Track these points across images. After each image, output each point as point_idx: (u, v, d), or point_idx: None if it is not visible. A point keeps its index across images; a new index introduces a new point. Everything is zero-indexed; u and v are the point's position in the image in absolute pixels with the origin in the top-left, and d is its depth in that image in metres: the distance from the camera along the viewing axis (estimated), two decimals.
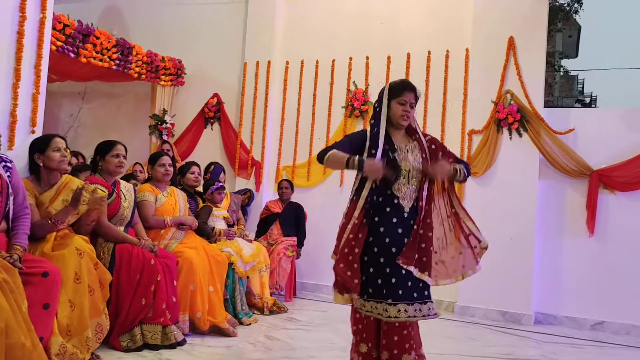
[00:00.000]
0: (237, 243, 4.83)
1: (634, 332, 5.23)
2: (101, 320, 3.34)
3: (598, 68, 39.70)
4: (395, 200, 2.85)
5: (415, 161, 2.89)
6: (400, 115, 2.90)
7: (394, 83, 2.99)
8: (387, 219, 2.84)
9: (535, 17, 5.68)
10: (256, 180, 6.75)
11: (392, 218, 2.85)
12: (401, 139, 2.96)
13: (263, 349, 3.97)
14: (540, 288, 5.57)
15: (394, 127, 2.95)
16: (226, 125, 7.01)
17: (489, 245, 3.12)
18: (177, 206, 4.45)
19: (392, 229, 2.83)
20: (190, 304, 4.08)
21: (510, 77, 5.69)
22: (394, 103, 2.91)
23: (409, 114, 2.90)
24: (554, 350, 4.51)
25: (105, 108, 7.73)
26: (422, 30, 6.26)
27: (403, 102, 2.89)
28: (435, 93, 6.13)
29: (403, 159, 2.88)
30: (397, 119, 2.91)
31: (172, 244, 4.25)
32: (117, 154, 3.90)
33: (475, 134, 5.82)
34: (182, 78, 7.16)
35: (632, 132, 5.44)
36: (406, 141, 2.97)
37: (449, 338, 4.75)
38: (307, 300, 5.95)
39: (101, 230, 3.74)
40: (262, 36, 6.87)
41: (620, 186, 5.41)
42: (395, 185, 2.84)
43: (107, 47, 5.91)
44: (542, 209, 5.60)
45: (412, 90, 2.93)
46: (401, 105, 2.90)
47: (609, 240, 5.44)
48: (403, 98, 2.89)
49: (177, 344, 3.76)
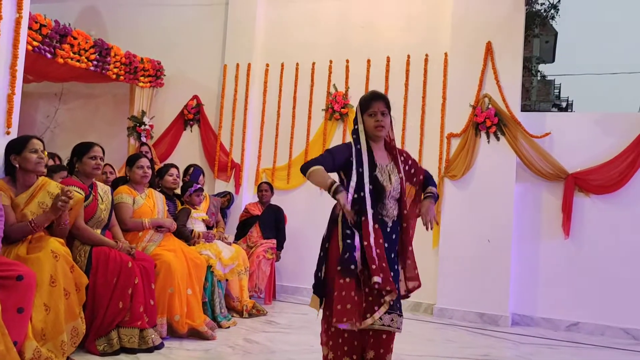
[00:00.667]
0: (216, 246, 4.81)
1: (608, 333, 5.33)
2: (77, 324, 3.29)
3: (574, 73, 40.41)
4: (379, 216, 2.85)
5: (396, 182, 2.89)
6: (373, 126, 2.87)
7: (362, 98, 2.98)
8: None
9: (512, 23, 5.76)
10: (236, 182, 6.73)
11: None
12: (382, 155, 2.95)
13: (242, 352, 3.95)
14: (517, 290, 5.64)
15: (373, 140, 2.93)
16: (206, 127, 6.98)
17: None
18: (156, 208, 4.41)
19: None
20: (169, 307, 4.05)
21: (488, 81, 5.76)
22: (366, 117, 2.90)
23: (381, 123, 2.87)
24: (530, 351, 4.57)
25: (83, 109, 7.64)
26: (402, 34, 6.31)
27: (373, 113, 2.88)
28: (414, 97, 6.18)
29: (385, 179, 2.86)
30: (372, 131, 2.89)
31: (150, 247, 4.21)
32: (94, 156, 3.85)
33: (453, 138, 5.88)
34: (162, 79, 7.11)
35: (607, 136, 5.55)
36: (386, 159, 2.96)
37: (428, 340, 4.78)
38: (286, 303, 5.94)
39: (78, 233, 3.68)
40: (242, 38, 6.86)
41: (595, 189, 5.51)
42: (379, 205, 2.83)
43: (84, 48, 5.85)
44: (519, 211, 5.68)
45: (380, 99, 2.90)
46: (372, 117, 2.88)
47: (584, 242, 5.54)
48: (372, 110, 2.88)
49: (154, 347, 3.73)
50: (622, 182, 5.41)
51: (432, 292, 5.77)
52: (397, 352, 4.13)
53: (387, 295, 2.75)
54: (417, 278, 2.96)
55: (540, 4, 10.24)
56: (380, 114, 2.87)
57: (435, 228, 5.87)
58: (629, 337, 5.27)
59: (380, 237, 2.79)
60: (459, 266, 5.68)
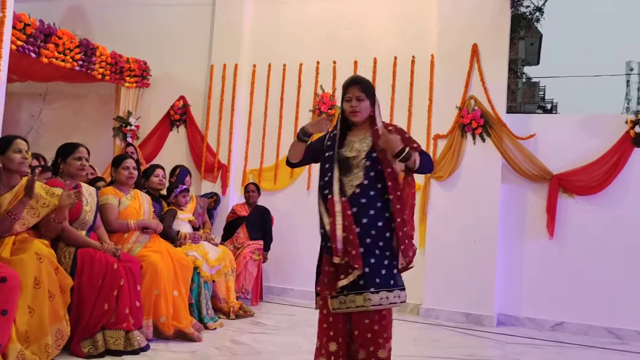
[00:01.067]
0: (203, 247, 4.79)
1: (592, 332, 5.39)
2: (61, 326, 3.27)
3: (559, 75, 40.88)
4: (346, 189, 2.84)
5: (361, 149, 2.85)
6: (349, 112, 2.90)
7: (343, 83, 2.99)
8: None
9: (498, 25, 5.81)
10: (222, 183, 6.71)
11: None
12: (356, 133, 2.94)
13: (229, 354, 3.94)
14: (503, 290, 5.69)
15: (354, 124, 2.94)
16: (192, 128, 6.95)
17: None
18: (141, 209, 4.38)
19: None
20: (154, 308, 4.03)
21: (474, 83, 5.81)
22: (344, 102, 2.93)
23: (355, 109, 2.87)
24: (515, 351, 4.61)
25: (68, 109, 7.57)
26: (389, 35, 6.34)
27: (348, 99, 2.90)
28: (401, 98, 6.20)
29: (348, 150, 2.87)
30: (348, 116, 2.91)
31: (135, 248, 4.18)
32: (79, 157, 3.82)
33: (440, 139, 5.91)
34: (148, 80, 7.06)
35: (591, 138, 5.61)
36: (362, 134, 2.93)
37: (414, 340, 4.80)
38: (273, 304, 5.94)
39: (62, 235, 3.65)
40: (229, 39, 6.85)
41: (579, 190, 5.57)
42: (346, 178, 2.83)
43: (69, 48, 5.80)
44: (504, 212, 5.73)
45: (356, 83, 2.90)
46: (347, 102, 2.91)
47: (568, 242, 5.60)
48: (347, 95, 2.90)
49: (140, 349, 3.70)
50: (605, 183, 5.48)
51: (418, 293, 5.80)
52: None
53: (351, 273, 2.71)
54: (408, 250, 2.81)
55: (525, 7, 10.33)
56: (356, 99, 2.87)
57: (421, 228, 5.91)
58: (612, 337, 5.33)
59: (348, 209, 2.76)
60: (445, 266, 5.72)
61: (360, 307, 2.74)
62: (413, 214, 2.90)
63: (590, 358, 4.57)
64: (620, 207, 5.48)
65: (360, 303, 2.74)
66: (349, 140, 2.92)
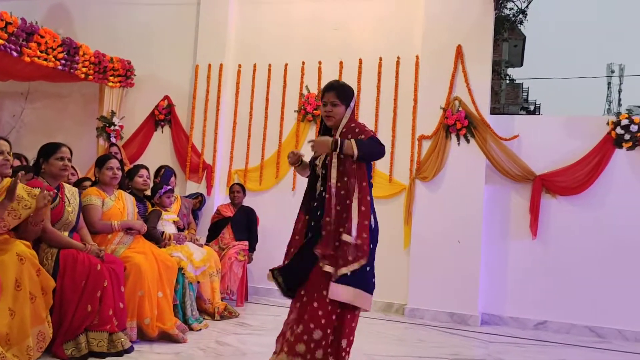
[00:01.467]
0: (188, 247, 4.77)
1: (574, 331, 5.46)
2: (43, 328, 3.22)
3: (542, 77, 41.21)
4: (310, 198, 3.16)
5: (320, 161, 3.08)
6: (323, 116, 3.06)
7: None
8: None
9: (482, 27, 5.86)
10: (207, 184, 6.68)
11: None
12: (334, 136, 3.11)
13: (214, 355, 3.92)
14: (487, 290, 5.74)
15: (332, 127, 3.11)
16: (177, 128, 6.91)
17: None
18: (125, 210, 4.35)
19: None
20: (138, 310, 3.99)
21: (458, 84, 5.85)
22: (321, 106, 3.08)
23: (329, 114, 3.02)
24: (499, 350, 4.64)
25: (50, 109, 7.48)
26: (374, 36, 6.36)
27: (324, 103, 3.04)
28: (386, 99, 6.22)
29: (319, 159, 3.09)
30: (324, 120, 3.08)
31: (119, 249, 4.15)
32: (61, 157, 3.77)
33: (424, 140, 5.94)
34: (132, 79, 7.01)
35: (573, 139, 5.68)
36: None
37: (399, 340, 4.82)
38: (258, 305, 5.92)
39: (45, 236, 3.61)
40: (214, 39, 6.82)
41: (562, 191, 5.63)
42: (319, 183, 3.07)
43: (52, 47, 5.74)
44: (488, 212, 5.78)
45: (331, 89, 3.03)
46: (323, 107, 3.05)
47: (550, 242, 5.66)
48: (323, 100, 3.04)
49: (124, 351, 3.66)
50: (587, 184, 5.55)
51: (403, 293, 5.83)
52: (369, 352, 4.17)
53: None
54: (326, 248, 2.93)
55: (509, 9, 10.43)
56: (330, 105, 3.01)
57: (406, 229, 5.94)
58: (594, 335, 5.41)
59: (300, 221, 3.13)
60: (429, 267, 5.75)
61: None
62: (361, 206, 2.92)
63: (572, 356, 4.62)
64: (602, 207, 5.55)
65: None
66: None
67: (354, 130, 3.07)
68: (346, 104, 3.05)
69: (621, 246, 5.45)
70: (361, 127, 3.11)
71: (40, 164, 3.79)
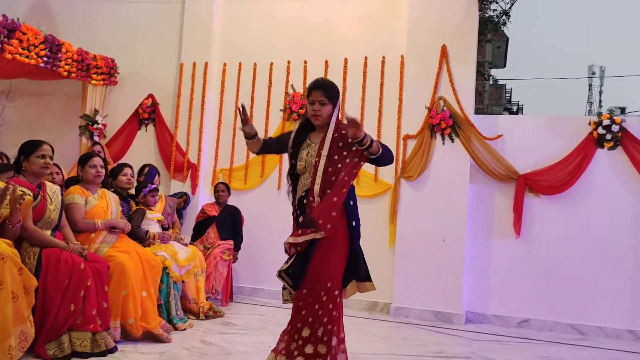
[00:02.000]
0: (172, 247, 4.73)
1: (557, 329, 5.52)
2: (25, 327, 3.18)
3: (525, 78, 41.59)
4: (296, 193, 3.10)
5: (309, 156, 3.01)
6: (310, 115, 3.01)
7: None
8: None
9: (466, 27, 5.90)
10: (192, 183, 6.64)
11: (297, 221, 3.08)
12: (317, 136, 3.06)
13: (198, 354, 3.90)
14: (471, 288, 5.78)
15: (317, 126, 3.06)
16: (161, 126, 6.86)
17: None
18: (109, 209, 4.30)
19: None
20: (122, 309, 3.96)
21: (443, 84, 5.88)
22: (307, 104, 3.03)
23: (316, 113, 2.97)
24: (483, 348, 4.68)
25: (32, 107, 7.37)
26: (359, 36, 6.37)
27: (311, 102, 2.99)
28: (371, 98, 6.24)
29: (300, 157, 3.05)
30: (310, 118, 3.02)
31: (103, 248, 4.10)
32: (42, 155, 3.72)
33: (409, 139, 5.97)
34: (115, 77, 6.94)
35: (555, 138, 5.75)
36: (319, 138, 3.04)
37: (384, 339, 4.84)
38: (244, 304, 5.90)
39: (26, 235, 3.56)
40: (199, 37, 6.78)
41: (544, 190, 5.69)
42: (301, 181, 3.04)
43: (34, 44, 5.67)
44: (473, 211, 5.82)
45: (320, 88, 2.97)
46: (310, 105, 3.00)
47: (534, 241, 5.72)
48: (310, 98, 2.99)
49: (107, 351, 3.63)
50: (569, 183, 5.62)
51: (388, 292, 5.85)
52: (354, 351, 4.17)
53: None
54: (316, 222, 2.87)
55: (492, 10, 10.53)
56: (318, 103, 2.96)
57: (391, 228, 5.96)
58: (576, 332, 5.47)
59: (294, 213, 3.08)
60: (414, 265, 5.77)
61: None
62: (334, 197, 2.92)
63: (555, 353, 4.67)
64: (584, 206, 5.62)
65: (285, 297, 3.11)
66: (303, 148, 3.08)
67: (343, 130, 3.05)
68: (333, 102, 3.00)
69: (602, 245, 5.52)
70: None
71: (21, 161, 3.74)
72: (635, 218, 5.50)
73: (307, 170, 3.00)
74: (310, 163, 2.99)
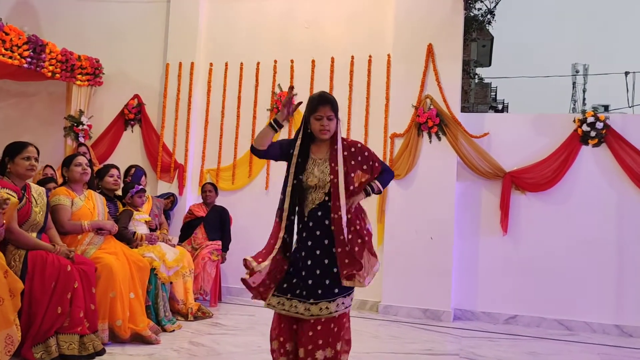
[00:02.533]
0: (160, 248, 4.70)
1: (544, 325, 5.57)
2: (11, 331, 3.14)
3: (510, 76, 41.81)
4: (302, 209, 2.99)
5: (322, 173, 2.94)
6: (319, 130, 2.93)
7: (311, 98, 3.00)
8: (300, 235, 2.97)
9: (452, 26, 5.93)
10: (179, 183, 6.60)
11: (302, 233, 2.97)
12: (320, 150, 3.01)
13: (187, 356, 3.88)
14: (459, 286, 5.81)
15: (318, 139, 3.00)
16: (147, 127, 6.81)
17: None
18: (96, 210, 4.27)
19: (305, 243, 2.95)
20: (110, 311, 3.93)
21: (429, 82, 5.90)
22: (312, 119, 2.94)
23: (326, 128, 2.92)
24: (471, 344, 4.71)
25: (16, 108, 7.27)
26: (346, 35, 6.38)
27: (319, 117, 2.92)
28: (358, 97, 6.25)
29: (310, 172, 2.95)
30: (317, 134, 2.96)
31: (89, 250, 4.07)
32: (27, 157, 3.68)
33: (397, 138, 5.99)
34: (100, 78, 6.88)
35: (541, 136, 5.80)
36: (324, 152, 3.00)
37: (374, 337, 4.85)
38: (232, 305, 5.88)
39: (12, 237, 3.52)
40: (185, 37, 6.74)
41: (530, 187, 5.74)
42: (309, 198, 2.95)
43: (17, 44, 5.60)
44: (460, 209, 5.85)
45: (328, 103, 2.93)
46: (318, 121, 2.93)
47: (520, 238, 5.76)
48: (318, 113, 2.92)
49: (95, 353, 3.61)
50: (555, 180, 5.67)
51: (377, 290, 5.86)
52: None
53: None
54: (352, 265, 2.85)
55: (477, 9, 10.58)
56: (327, 119, 2.92)
57: (379, 227, 5.97)
58: (563, 328, 5.53)
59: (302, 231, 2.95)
60: (403, 264, 5.79)
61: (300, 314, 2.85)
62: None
63: (542, 349, 4.71)
64: (569, 202, 5.67)
65: (301, 311, 2.85)
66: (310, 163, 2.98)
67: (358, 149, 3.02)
68: (337, 117, 2.99)
69: (587, 241, 5.58)
70: (363, 146, 3.08)
71: (5, 163, 3.69)
72: (619, 214, 5.56)
73: (320, 186, 2.94)
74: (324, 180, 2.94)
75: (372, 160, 3.04)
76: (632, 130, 5.57)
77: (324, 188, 2.94)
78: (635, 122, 5.67)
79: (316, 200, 2.95)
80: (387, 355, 4.24)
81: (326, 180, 2.93)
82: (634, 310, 5.43)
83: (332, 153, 2.97)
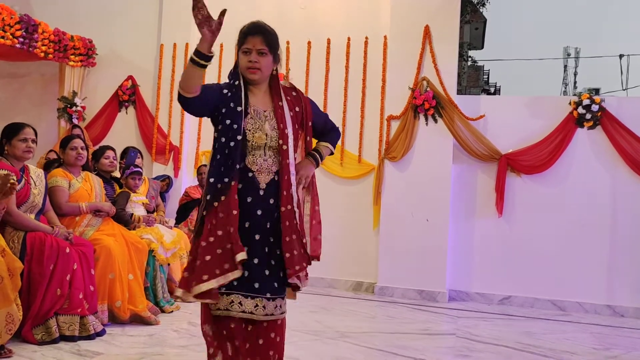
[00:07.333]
0: (158, 229, 4.70)
1: (537, 305, 5.64)
2: (12, 310, 3.12)
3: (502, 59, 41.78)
4: (249, 174, 2.40)
5: (273, 130, 2.40)
6: (245, 67, 2.36)
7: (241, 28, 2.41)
8: (240, 198, 2.36)
9: (448, 7, 5.89)
10: (175, 165, 6.58)
11: (247, 197, 2.38)
12: (260, 100, 2.45)
13: (187, 336, 3.90)
14: (454, 267, 5.86)
15: (251, 83, 2.42)
16: (142, 109, 6.76)
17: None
18: (93, 192, 4.25)
19: (249, 211, 2.37)
20: (109, 293, 3.94)
21: (426, 64, 5.88)
22: (240, 53, 2.38)
23: (255, 65, 2.35)
24: (466, 324, 4.77)
25: (7, 89, 7.20)
26: (342, 16, 6.33)
27: (246, 51, 2.37)
28: (354, 79, 6.22)
29: (259, 128, 2.40)
30: (244, 72, 2.38)
31: (88, 231, 4.06)
32: (25, 138, 3.65)
33: (393, 120, 5.98)
34: (94, 59, 6.80)
35: (536, 118, 5.81)
36: (266, 104, 2.45)
37: (370, 317, 4.90)
38: None
39: (10, 219, 3.50)
40: (179, 17, 6.64)
41: (525, 169, 5.77)
42: (249, 158, 2.40)
43: (9, 24, 5.52)
44: (456, 191, 5.88)
45: (259, 33, 2.36)
46: (245, 55, 2.36)
47: (515, 220, 5.81)
48: (246, 46, 2.36)
49: (96, 334, 3.62)
50: (550, 162, 5.70)
51: (373, 272, 5.91)
52: (341, 329, 4.23)
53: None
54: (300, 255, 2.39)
55: None
56: (257, 53, 2.35)
57: (375, 209, 5.99)
58: (556, 308, 5.60)
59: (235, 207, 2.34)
60: (398, 246, 5.83)
61: (248, 314, 2.34)
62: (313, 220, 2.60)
63: (536, 329, 4.77)
64: (564, 185, 5.72)
65: (249, 309, 2.34)
66: (254, 110, 2.42)
67: (292, 96, 2.49)
68: (274, 54, 2.40)
69: (581, 223, 5.63)
70: (299, 92, 2.55)
71: (2, 145, 3.67)
72: (613, 196, 5.61)
73: (268, 146, 2.40)
74: (274, 139, 2.39)
75: (308, 112, 2.50)
76: (627, 113, 5.59)
77: (274, 148, 2.39)
78: (630, 104, 5.70)
79: (259, 165, 2.41)
80: (386, 335, 4.28)
81: (277, 138, 2.39)
82: (626, 291, 5.52)
83: (276, 109, 2.41)
